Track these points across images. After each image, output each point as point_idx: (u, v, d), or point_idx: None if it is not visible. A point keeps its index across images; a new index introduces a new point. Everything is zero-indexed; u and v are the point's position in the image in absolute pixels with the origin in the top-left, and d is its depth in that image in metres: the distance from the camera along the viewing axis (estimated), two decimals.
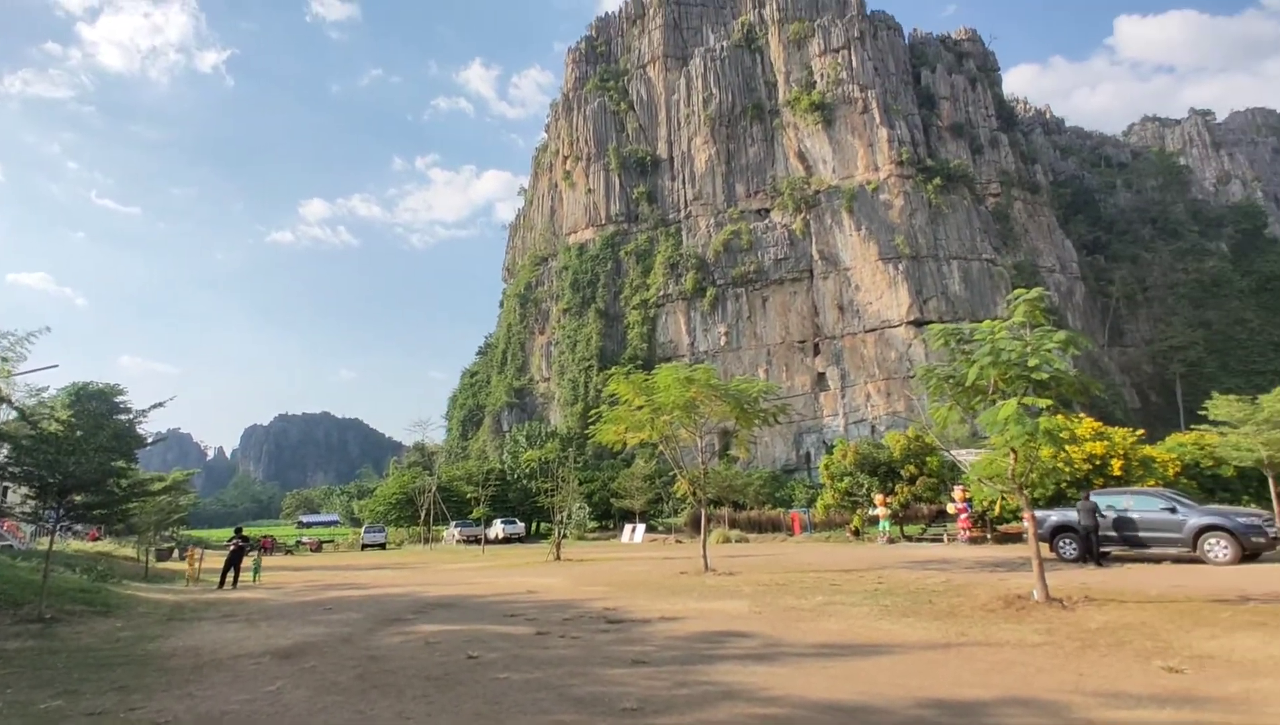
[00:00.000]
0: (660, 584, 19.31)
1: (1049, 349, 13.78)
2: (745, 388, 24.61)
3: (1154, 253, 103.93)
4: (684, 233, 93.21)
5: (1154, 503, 19.53)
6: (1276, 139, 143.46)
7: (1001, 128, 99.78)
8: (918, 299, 78.02)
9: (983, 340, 14.41)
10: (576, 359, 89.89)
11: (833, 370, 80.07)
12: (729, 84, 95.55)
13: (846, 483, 31.85)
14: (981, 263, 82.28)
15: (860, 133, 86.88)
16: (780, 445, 77.52)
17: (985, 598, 13.90)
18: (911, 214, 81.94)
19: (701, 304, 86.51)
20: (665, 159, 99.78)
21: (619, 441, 25.53)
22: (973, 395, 14.96)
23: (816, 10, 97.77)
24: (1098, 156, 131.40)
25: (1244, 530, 17.86)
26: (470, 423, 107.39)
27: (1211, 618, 11.10)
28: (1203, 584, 14.75)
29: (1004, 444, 14.13)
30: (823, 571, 20.76)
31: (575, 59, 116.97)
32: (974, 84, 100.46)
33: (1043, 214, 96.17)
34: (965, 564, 21.27)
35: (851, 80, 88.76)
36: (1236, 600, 12.48)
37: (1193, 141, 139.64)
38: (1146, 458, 25.69)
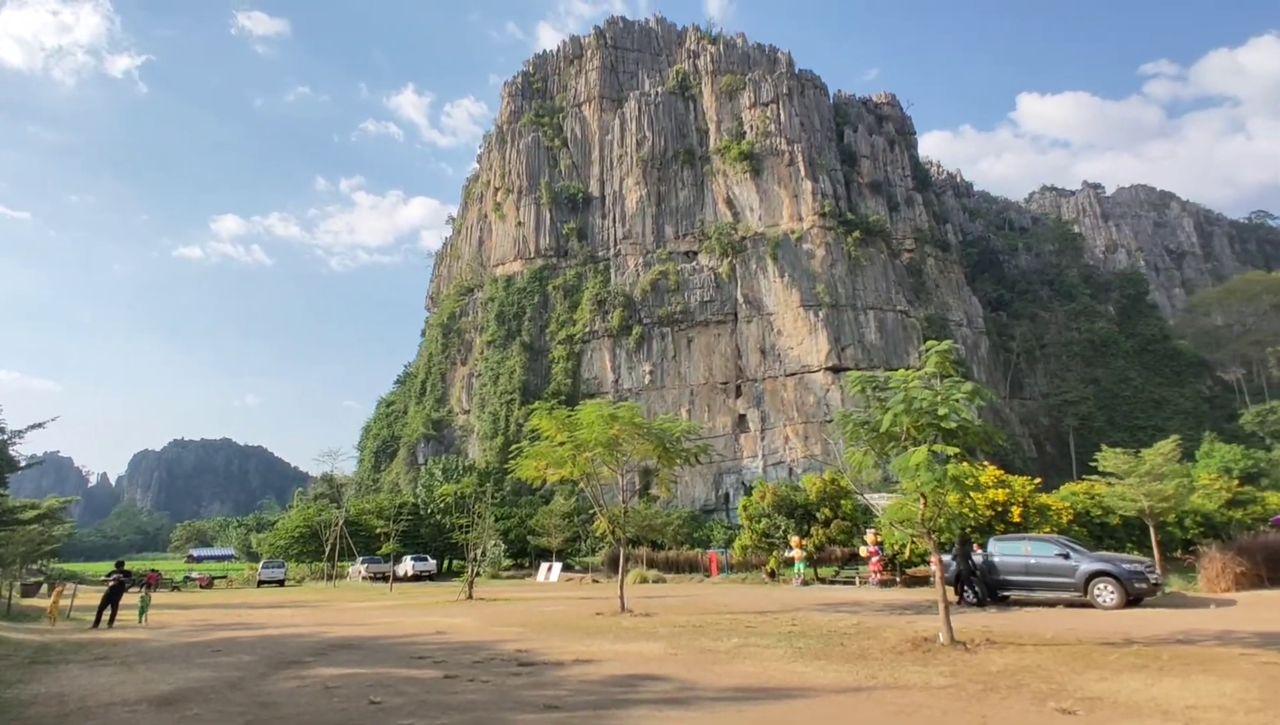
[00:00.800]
0: (575, 625, 18.90)
1: (957, 399, 14.43)
2: (669, 427, 24.71)
3: (1051, 312, 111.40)
4: (613, 270, 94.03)
5: (1049, 549, 20.51)
6: (1156, 214, 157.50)
7: (916, 188, 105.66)
8: (836, 346, 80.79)
9: (897, 388, 14.98)
10: (499, 392, 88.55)
11: (753, 412, 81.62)
12: (662, 128, 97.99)
13: (764, 524, 32.23)
14: (896, 314, 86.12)
15: (786, 184, 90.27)
16: (700, 485, 78.06)
17: (894, 640, 14.19)
18: (832, 264, 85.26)
19: (627, 342, 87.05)
20: (597, 197, 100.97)
21: (539, 477, 25.11)
22: (886, 441, 15.48)
23: (748, 65, 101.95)
24: (1002, 220, 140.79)
25: (1129, 576, 18.96)
26: (384, 454, 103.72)
27: (1101, 660, 11.66)
28: (1092, 627, 15.52)
29: (915, 489, 14.63)
30: (739, 613, 20.80)
31: (511, 92, 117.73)
32: (892, 145, 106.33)
33: (952, 271, 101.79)
34: (876, 607, 21.73)
35: (779, 134, 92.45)
36: (1122, 643, 13.17)
37: (1085, 212, 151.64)
38: (1043, 505, 27.06)
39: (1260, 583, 22.66)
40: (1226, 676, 10.18)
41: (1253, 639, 13.21)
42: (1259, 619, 16.25)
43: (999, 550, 21.34)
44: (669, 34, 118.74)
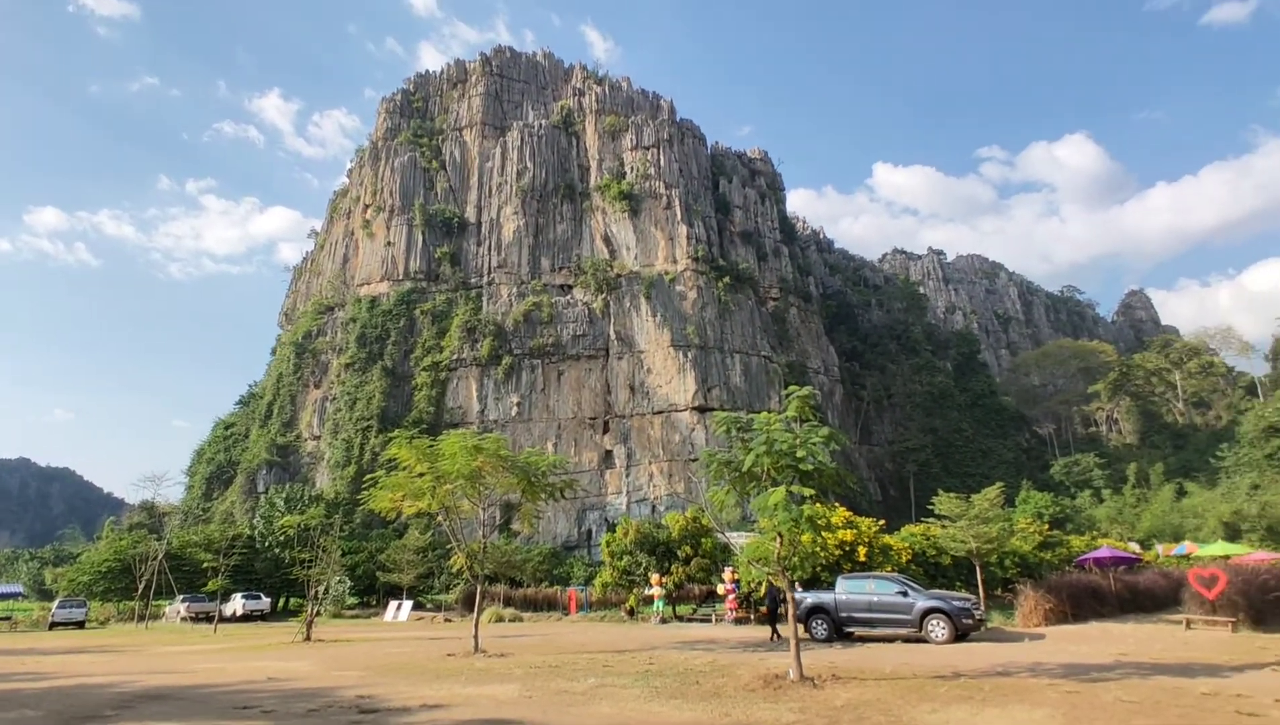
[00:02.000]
0: (424, 667, 17.85)
1: (815, 443, 15.13)
2: (535, 460, 24.21)
3: (898, 365, 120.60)
4: (485, 298, 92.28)
5: (891, 587, 21.78)
6: (988, 282, 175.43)
7: (784, 240, 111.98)
8: (703, 386, 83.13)
9: (760, 430, 15.50)
10: (355, 418, 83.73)
11: (620, 448, 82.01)
12: (544, 160, 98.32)
13: (626, 561, 32.15)
14: (760, 358, 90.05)
15: (663, 226, 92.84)
16: (563, 521, 77.09)
17: (747, 678, 14.43)
18: (703, 307, 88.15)
19: (496, 372, 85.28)
20: (473, 223, 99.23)
21: (393, 510, 23.78)
22: (748, 481, 15.93)
23: (632, 108, 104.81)
24: (858, 277, 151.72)
25: (958, 613, 20.44)
26: (218, 481, 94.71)
27: (933, 693, 12.39)
28: (925, 661, 16.53)
29: (772, 528, 15.08)
30: (596, 652, 20.47)
31: (389, 109, 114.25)
32: (763, 199, 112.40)
33: (813, 321, 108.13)
34: (730, 644, 22.10)
35: (659, 177, 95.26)
36: (951, 676, 14.09)
37: (929, 274, 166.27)
38: (886, 546, 28.79)
39: (1065, 618, 25.16)
40: (1037, 705, 11.11)
41: (1058, 670, 14.55)
42: (1064, 651, 17.96)
43: (846, 588, 22.39)
44: (555, 69, 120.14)
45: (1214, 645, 18.40)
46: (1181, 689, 12.15)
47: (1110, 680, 13.14)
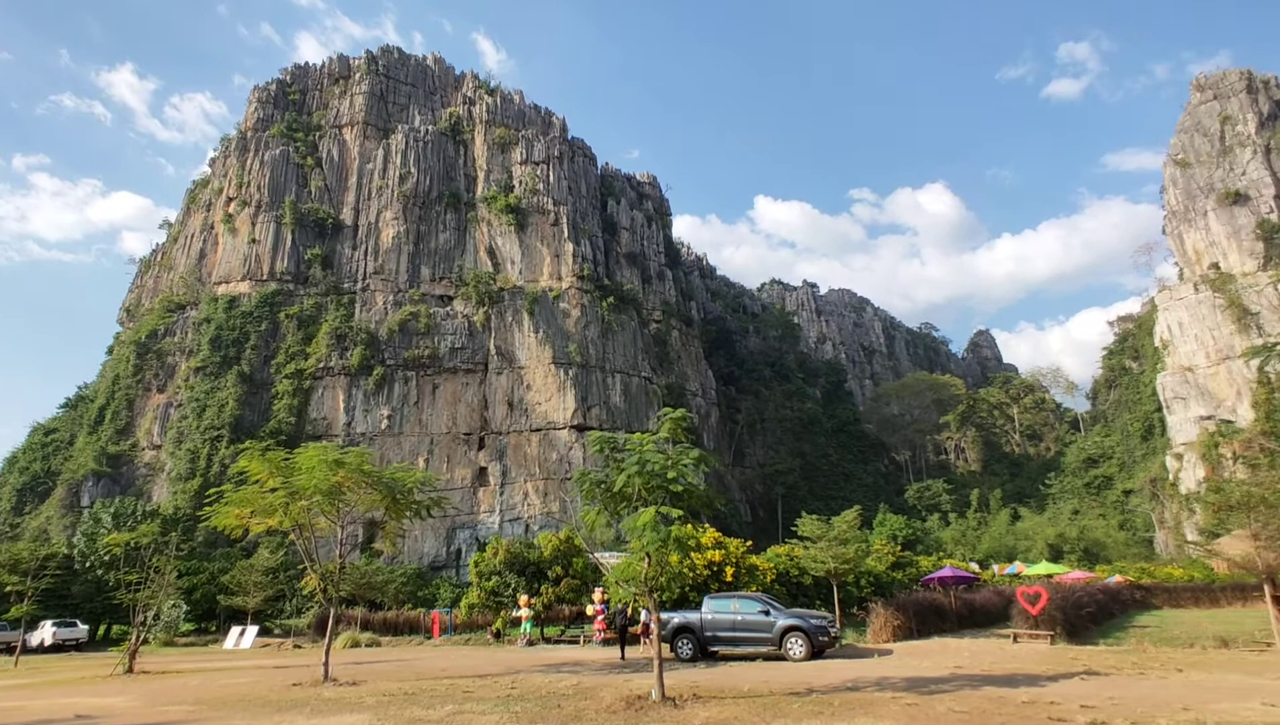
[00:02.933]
0: (265, 699, 16.48)
1: (686, 464, 15.35)
2: (401, 476, 23.10)
3: (771, 391, 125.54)
4: (358, 305, 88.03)
5: (754, 606, 22.36)
6: (855, 315, 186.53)
7: (668, 264, 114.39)
8: (583, 405, 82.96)
9: (633, 451, 15.56)
10: (203, 427, 77.04)
11: (495, 466, 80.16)
12: (429, 167, 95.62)
13: (494, 582, 31.26)
14: (640, 379, 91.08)
15: (549, 242, 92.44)
16: (431, 540, 74.21)
17: (610, 699, 14.31)
18: (586, 325, 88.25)
19: (366, 383, 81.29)
20: (349, 225, 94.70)
21: (240, 527, 21.94)
22: (619, 501, 15.92)
23: (523, 122, 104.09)
24: (738, 304, 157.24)
25: (815, 630, 21.26)
26: (32, 493, 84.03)
27: (787, 709, 12.76)
28: (783, 678, 17.03)
29: (641, 548, 15.11)
30: (457, 677, 19.69)
31: (262, 99, 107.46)
32: (650, 222, 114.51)
33: (693, 345, 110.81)
34: (596, 666, 21.89)
35: (547, 193, 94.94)
36: (805, 692, 14.58)
37: (803, 306, 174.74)
38: (752, 566, 29.57)
39: (911, 634, 26.78)
40: (880, 718, 11.67)
41: (901, 684, 15.39)
42: (908, 665, 19.06)
43: (712, 608, 22.77)
44: (445, 76, 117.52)
45: (1035, 657, 20.11)
46: (1005, 698, 13.15)
47: (946, 692, 14.02)
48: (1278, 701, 11.95)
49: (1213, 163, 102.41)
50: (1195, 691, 13.39)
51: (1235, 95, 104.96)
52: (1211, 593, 46.53)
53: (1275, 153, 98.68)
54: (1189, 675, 15.86)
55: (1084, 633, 26.18)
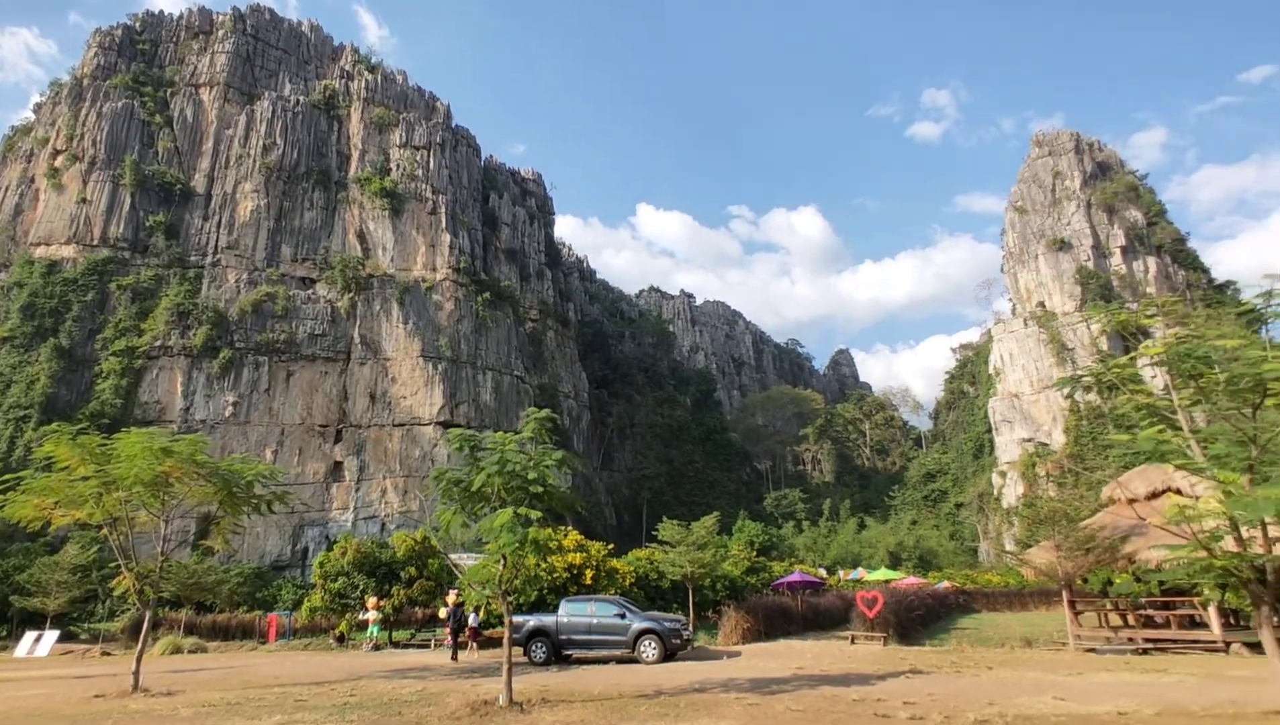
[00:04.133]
0: (59, 714, 14.63)
1: (548, 466, 15.11)
2: (240, 468, 21.25)
3: (643, 397, 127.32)
4: (206, 281, 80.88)
5: (610, 609, 22.42)
6: (728, 327, 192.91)
7: (548, 264, 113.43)
8: (451, 401, 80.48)
9: (494, 449, 15.15)
10: (7, 404, 68.02)
11: (352, 460, 76.06)
12: (298, 140, 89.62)
13: (341, 583, 29.51)
14: (513, 378, 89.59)
15: (425, 231, 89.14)
16: (275, 537, 69.30)
17: (455, 705, 13.83)
18: (459, 320, 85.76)
19: (210, 366, 74.72)
20: (201, 194, 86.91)
21: (40, 519, 19.42)
22: (477, 500, 15.46)
23: (405, 104, 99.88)
24: (615, 309, 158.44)
25: (668, 633, 21.60)
26: None
27: (633, 711, 12.81)
28: (634, 681, 17.14)
29: (497, 550, 14.72)
30: (290, 685, 18.39)
31: (105, 45, 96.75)
32: (532, 220, 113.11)
33: (569, 346, 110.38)
34: (445, 671, 21.15)
35: (426, 180, 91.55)
36: (654, 694, 14.73)
37: (679, 314, 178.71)
38: (613, 569, 29.71)
39: (760, 636, 27.83)
40: (722, 718, 11.97)
41: (746, 684, 15.89)
42: (755, 667, 19.74)
43: (568, 611, 22.63)
44: (322, 45, 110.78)
45: (869, 657, 21.42)
46: (838, 697, 13.86)
47: (785, 692, 14.60)
48: (1066, 696, 13.32)
49: (1045, 212, 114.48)
50: (1000, 688, 14.68)
51: (1066, 153, 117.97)
52: (1022, 597, 51.65)
53: (1095, 208, 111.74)
54: (997, 673, 17.40)
55: (913, 634, 28.23)
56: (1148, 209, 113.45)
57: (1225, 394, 10.05)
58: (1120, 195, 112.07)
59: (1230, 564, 9.59)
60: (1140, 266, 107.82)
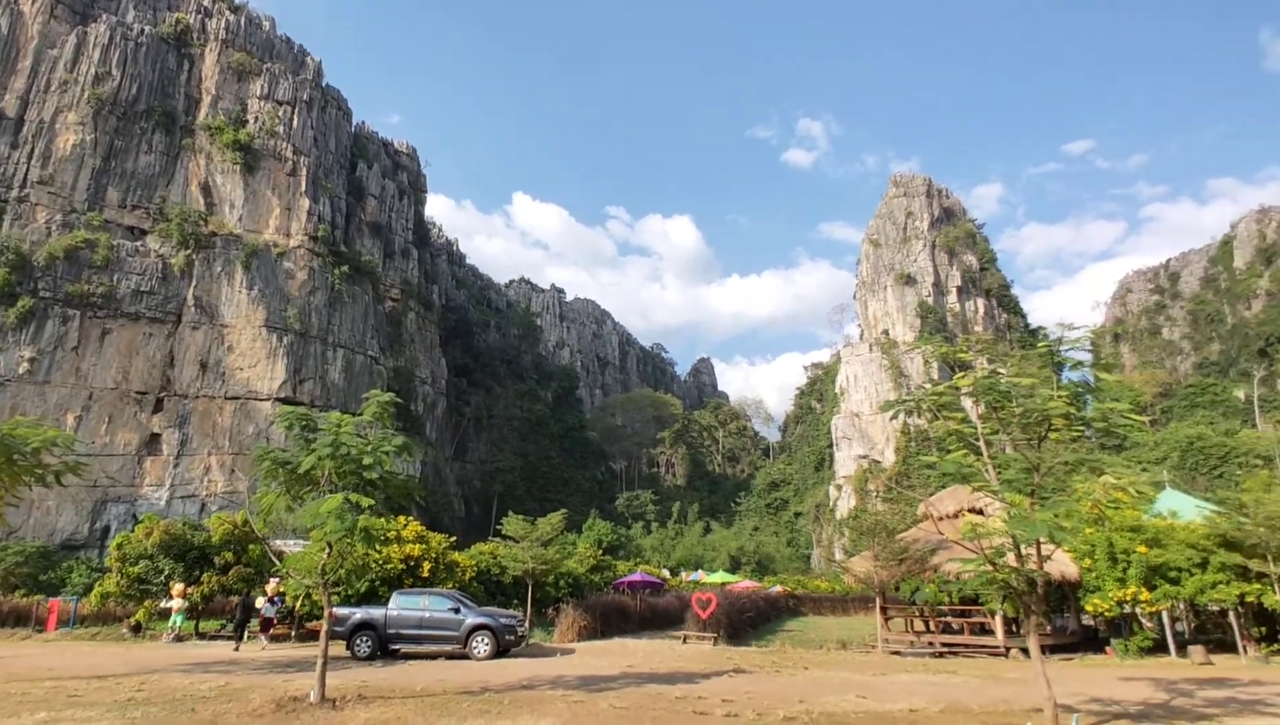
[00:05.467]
0: None
1: (387, 452, 14.39)
2: (25, 433, 18.62)
3: (504, 389, 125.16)
4: (9, 217, 70.57)
5: (444, 603, 21.74)
6: (596, 326, 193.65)
7: (416, 242, 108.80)
8: (295, 377, 75.28)
9: (328, 431, 14.25)
10: None
11: (172, 433, 69.16)
12: (139, 74, 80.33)
13: (143, 567, 26.62)
14: (366, 358, 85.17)
15: (282, 193, 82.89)
16: (70, 513, 61.70)
17: (259, 702, 12.86)
18: (312, 291, 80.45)
19: (5, 314, 65.35)
20: (10, 118, 75.74)
21: None
22: (305, 484, 14.48)
23: (271, 54, 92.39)
24: (483, 297, 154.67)
25: (502, 629, 21.25)
26: None
27: (455, 708, 12.46)
28: (461, 677, 16.69)
29: (323, 537, 13.84)
30: (67, 679, 16.35)
31: None
32: (402, 195, 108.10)
33: (430, 330, 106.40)
34: (256, 665, 19.63)
35: (288, 139, 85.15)
36: (479, 691, 14.40)
37: (548, 309, 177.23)
38: (453, 562, 28.87)
39: (596, 634, 28.04)
40: (544, 715, 11.89)
41: (575, 681, 15.90)
42: (586, 664, 19.82)
43: (399, 604, 21.72)
44: None
45: (698, 657, 22.12)
46: (662, 694, 14.17)
47: (612, 690, 14.74)
48: (868, 695, 14.37)
49: (896, 247, 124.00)
50: (812, 687, 15.60)
51: (918, 196, 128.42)
52: (844, 603, 55.50)
53: (938, 249, 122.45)
54: (812, 673, 18.50)
55: (743, 635, 29.52)
56: (982, 255, 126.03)
57: (1019, 426, 11.23)
58: (960, 240, 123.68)
59: (1008, 577, 10.71)
60: (971, 306, 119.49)
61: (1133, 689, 15.45)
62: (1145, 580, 22.01)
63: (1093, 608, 23.60)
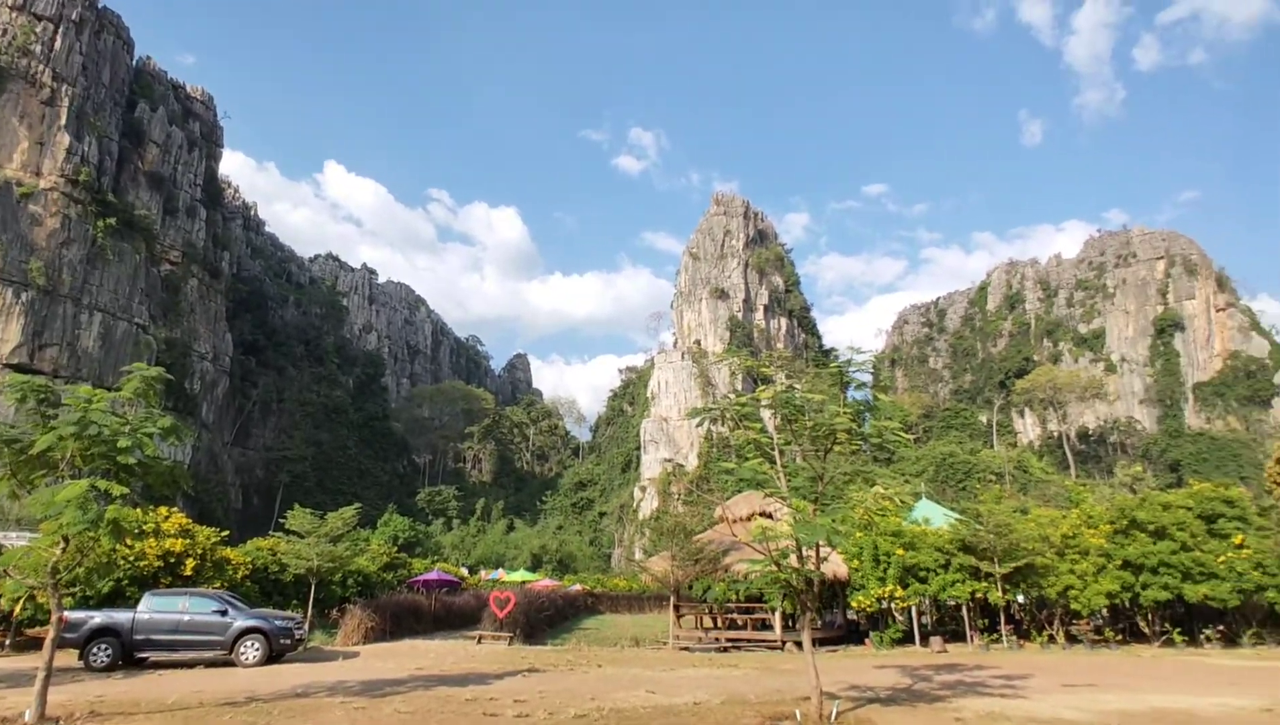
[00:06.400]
0: None
1: (149, 433, 12.63)
2: None
3: (300, 371, 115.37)
4: None
5: (209, 605, 19.53)
6: (409, 312, 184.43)
7: (205, 202, 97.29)
8: (34, 342, 64.23)
9: (75, 407, 12.24)
10: None
11: None
12: None
13: None
14: (132, 326, 74.68)
15: (34, 124, 70.51)
16: None
17: None
18: (65, 243, 69.16)
19: None
20: None
21: None
22: (38, 468, 12.31)
23: None
24: (282, 270, 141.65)
25: (277, 632, 19.47)
26: None
27: (215, 721, 11.20)
28: (223, 686, 15.03)
29: (57, 530, 11.80)
30: None
31: None
32: (193, 146, 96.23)
33: (215, 301, 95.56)
34: None
35: (47, 61, 72.60)
36: (245, 701, 13.04)
37: (357, 289, 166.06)
38: (223, 559, 26.03)
39: (385, 635, 26.60)
40: (321, 724, 11.03)
41: (357, 687, 14.92)
42: (371, 668, 18.70)
43: (152, 607, 19.19)
44: None
45: (492, 657, 21.72)
46: (452, 697, 13.70)
47: (398, 694, 14.00)
48: (657, 690, 14.88)
49: (713, 263, 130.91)
50: (605, 684, 15.88)
51: (736, 216, 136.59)
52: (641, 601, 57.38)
53: (750, 268, 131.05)
54: (606, 670, 18.84)
55: (539, 634, 29.44)
56: (788, 278, 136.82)
57: (809, 438, 12.21)
58: (771, 262, 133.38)
59: (790, 576, 11.60)
60: (776, 324, 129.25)
61: (884, 676, 17.38)
62: (901, 579, 24.93)
63: (857, 604, 26.32)
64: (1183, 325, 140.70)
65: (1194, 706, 13.02)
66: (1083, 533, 26.48)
